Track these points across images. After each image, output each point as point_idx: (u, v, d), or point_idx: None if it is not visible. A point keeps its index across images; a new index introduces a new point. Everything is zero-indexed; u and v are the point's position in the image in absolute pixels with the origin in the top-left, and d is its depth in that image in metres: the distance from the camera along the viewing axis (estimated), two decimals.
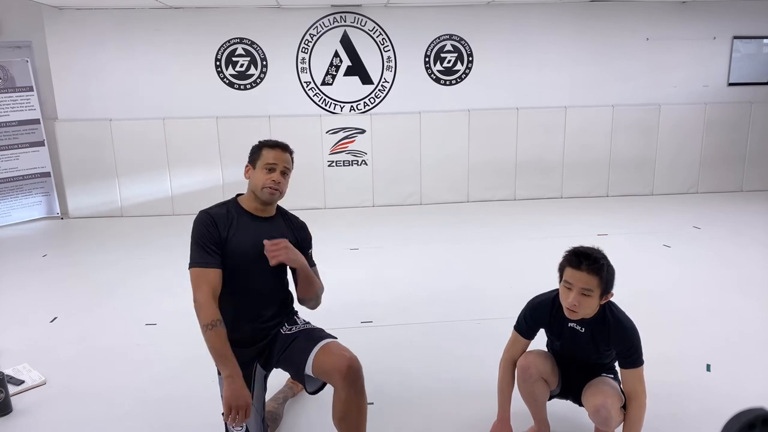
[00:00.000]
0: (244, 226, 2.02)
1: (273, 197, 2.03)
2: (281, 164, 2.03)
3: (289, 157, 2.09)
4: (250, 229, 2.02)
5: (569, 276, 1.84)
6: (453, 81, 6.16)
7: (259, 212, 2.07)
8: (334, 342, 1.97)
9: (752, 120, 6.41)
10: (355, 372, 1.83)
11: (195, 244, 1.95)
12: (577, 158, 6.30)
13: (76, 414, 2.45)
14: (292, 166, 2.11)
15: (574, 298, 1.82)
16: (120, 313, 3.53)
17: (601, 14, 6.09)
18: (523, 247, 4.65)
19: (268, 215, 2.09)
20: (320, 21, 5.87)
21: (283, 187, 2.05)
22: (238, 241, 1.98)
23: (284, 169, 2.05)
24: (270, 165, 2.02)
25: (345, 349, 1.91)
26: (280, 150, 2.06)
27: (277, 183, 2.01)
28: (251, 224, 2.04)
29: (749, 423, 0.68)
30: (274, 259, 1.91)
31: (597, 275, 1.81)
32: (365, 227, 5.39)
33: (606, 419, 1.88)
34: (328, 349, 1.91)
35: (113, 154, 5.87)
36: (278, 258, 1.91)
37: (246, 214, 2.05)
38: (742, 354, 2.84)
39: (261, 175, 2.02)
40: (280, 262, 1.93)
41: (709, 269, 4.07)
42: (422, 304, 3.53)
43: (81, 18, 5.67)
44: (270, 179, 2.01)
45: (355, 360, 1.86)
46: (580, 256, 1.83)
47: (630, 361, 1.90)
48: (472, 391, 2.52)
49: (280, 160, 2.04)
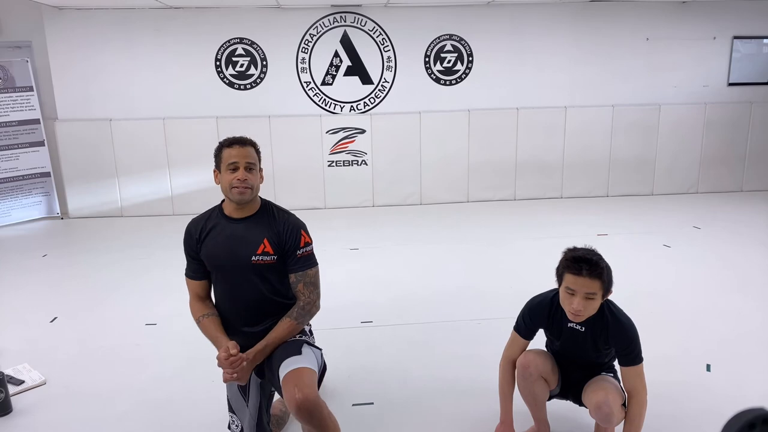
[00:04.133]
0: (219, 231, 2.01)
1: (243, 196, 1.96)
2: (243, 160, 1.96)
3: (250, 150, 2.00)
4: (223, 233, 2.00)
5: (571, 282, 1.84)
6: (453, 81, 6.16)
7: (235, 213, 2.02)
8: (298, 370, 1.85)
9: (752, 120, 6.41)
10: (306, 411, 1.74)
11: (184, 253, 2.08)
12: (577, 158, 6.30)
13: (76, 414, 2.45)
14: (257, 158, 2.03)
15: (579, 304, 1.83)
16: (120, 313, 3.53)
17: (600, 14, 6.09)
18: (523, 247, 4.65)
19: (247, 215, 2.02)
20: (320, 21, 5.87)
21: (251, 182, 1.96)
22: (210, 248, 2.00)
23: (247, 164, 1.97)
24: (232, 164, 1.96)
25: (301, 385, 1.78)
26: (238, 146, 1.99)
27: (243, 180, 1.94)
28: (225, 228, 2.01)
29: (749, 423, 0.68)
30: (237, 381, 1.90)
31: (599, 279, 1.81)
32: (365, 227, 5.39)
33: (608, 415, 1.88)
34: (290, 378, 1.82)
35: (113, 154, 5.87)
36: (238, 381, 1.89)
37: (224, 218, 2.03)
38: (742, 354, 2.84)
39: (226, 176, 1.97)
40: (242, 381, 1.90)
41: (709, 269, 4.07)
42: (422, 304, 3.53)
43: (81, 18, 5.67)
44: (235, 179, 1.94)
45: (306, 400, 1.74)
46: (580, 262, 1.82)
47: (629, 358, 1.90)
48: (472, 391, 2.52)
49: (241, 156, 1.96)
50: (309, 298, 2.03)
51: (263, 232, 1.99)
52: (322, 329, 2.17)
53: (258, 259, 1.97)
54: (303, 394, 1.75)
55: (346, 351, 2.92)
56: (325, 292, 2.20)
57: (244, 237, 1.98)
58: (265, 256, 1.98)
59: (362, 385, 2.06)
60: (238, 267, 1.98)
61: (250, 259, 1.97)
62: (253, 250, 1.97)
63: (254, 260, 1.97)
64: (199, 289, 2.08)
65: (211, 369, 1.98)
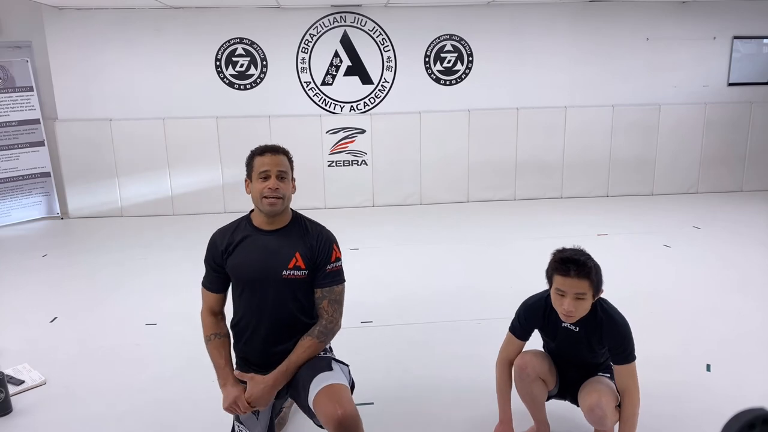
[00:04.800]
0: (248, 243, 1.92)
1: (274, 207, 1.87)
2: (275, 168, 1.88)
3: (282, 158, 1.92)
4: (253, 245, 1.91)
5: (560, 284, 1.85)
6: (453, 81, 6.16)
7: (266, 225, 1.93)
8: (334, 386, 1.79)
9: (752, 120, 6.41)
10: (348, 428, 1.69)
11: (204, 263, 2.02)
12: (577, 158, 6.30)
13: (76, 414, 2.45)
14: (290, 166, 1.95)
15: (569, 305, 1.83)
16: (120, 313, 3.53)
17: (600, 14, 6.09)
18: (523, 247, 4.65)
19: (278, 227, 1.94)
20: (320, 21, 5.87)
21: (283, 191, 1.88)
22: (239, 260, 1.91)
23: (280, 172, 1.88)
24: (263, 173, 1.87)
25: (341, 400, 1.74)
26: (270, 154, 1.90)
27: (275, 190, 1.85)
28: (256, 240, 1.92)
29: (749, 423, 0.68)
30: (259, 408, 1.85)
31: (587, 279, 1.81)
32: (365, 227, 5.39)
33: (600, 418, 1.88)
34: (325, 394, 1.76)
35: (113, 154, 5.87)
36: (258, 408, 1.84)
37: (254, 229, 1.94)
38: (742, 354, 2.84)
39: (257, 185, 1.88)
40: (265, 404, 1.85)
41: (709, 269, 4.07)
42: (422, 304, 3.53)
43: (81, 18, 5.67)
44: (266, 188, 1.86)
45: (348, 416, 1.70)
46: (568, 263, 1.83)
47: (622, 356, 1.90)
48: (472, 391, 2.52)
49: (273, 164, 1.88)
50: (332, 316, 1.95)
51: (295, 245, 1.91)
52: None
53: (289, 274, 1.88)
54: (344, 409, 1.70)
55: (346, 351, 2.92)
56: None
57: (275, 250, 1.90)
58: (296, 270, 1.89)
59: (362, 385, 2.06)
60: (267, 281, 1.89)
61: (281, 273, 1.88)
62: (284, 264, 1.88)
63: (285, 274, 1.88)
64: (214, 303, 2.01)
65: (211, 369, 1.97)
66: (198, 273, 2.09)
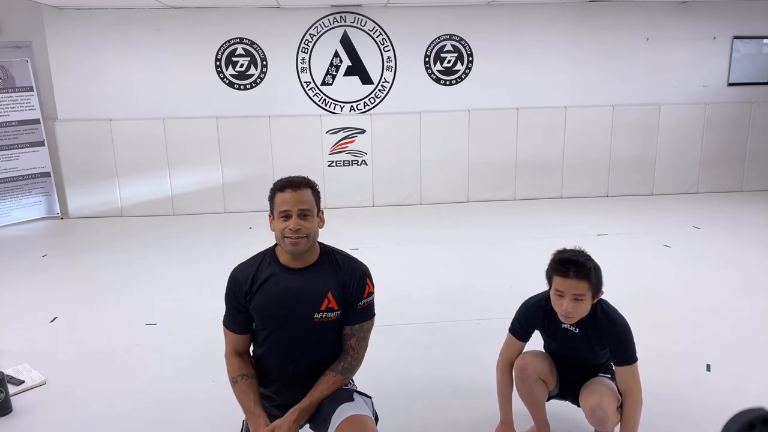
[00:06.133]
0: (274, 282, 1.79)
1: (297, 247, 1.74)
2: (296, 207, 1.73)
3: (306, 194, 1.77)
4: (279, 285, 1.78)
5: (559, 285, 1.85)
6: (453, 81, 6.16)
7: (293, 263, 1.80)
8: (356, 417, 1.70)
9: (752, 120, 6.41)
10: None
11: (225, 301, 1.85)
12: (577, 158, 6.30)
13: (76, 414, 2.45)
14: (314, 201, 1.79)
15: (568, 305, 1.83)
16: (120, 313, 3.53)
17: (600, 14, 6.09)
18: (523, 247, 4.65)
19: (306, 264, 1.80)
20: (320, 21, 5.87)
21: (306, 230, 1.74)
22: (264, 301, 1.78)
23: (301, 211, 1.74)
24: (284, 212, 1.74)
25: (366, 430, 1.67)
26: (290, 190, 1.75)
27: (296, 231, 1.72)
28: (282, 279, 1.79)
29: (749, 423, 0.68)
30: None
31: (586, 280, 1.81)
32: (365, 227, 5.39)
33: (602, 419, 1.88)
34: (349, 424, 1.67)
35: (113, 154, 5.87)
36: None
37: (279, 266, 1.80)
38: (742, 354, 2.84)
39: (279, 224, 1.75)
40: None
41: (709, 269, 4.07)
42: (422, 304, 3.53)
43: (81, 18, 5.67)
44: (287, 228, 1.72)
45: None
46: (567, 263, 1.83)
47: (623, 358, 1.90)
48: (472, 391, 2.52)
49: (294, 203, 1.74)
50: (358, 353, 1.85)
51: (327, 284, 1.78)
52: None
53: (321, 317, 1.77)
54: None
55: None
56: None
57: (305, 291, 1.77)
58: (329, 312, 1.77)
59: (362, 385, 2.06)
60: (296, 325, 1.77)
61: (312, 316, 1.76)
62: (316, 307, 1.76)
63: (317, 318, 1.76)
64: (239, 344, 1.84)
65: (211, 369, 1.97)
66: (198, 273, 2.10)
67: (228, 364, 1.84)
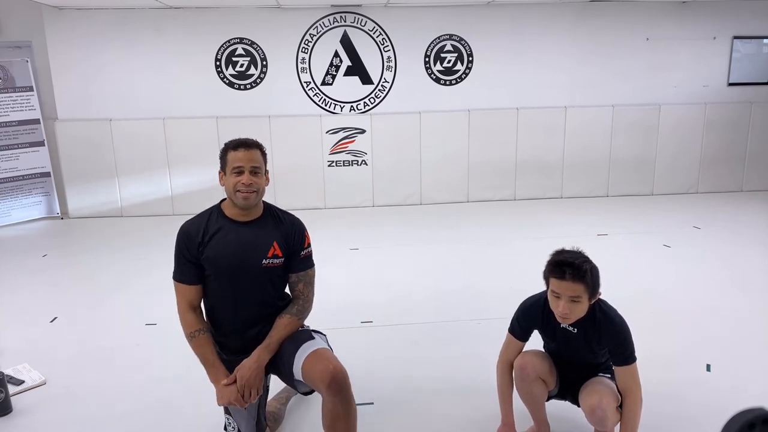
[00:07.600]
0: (223, 233, 1.96)
1: (248, 201, 1.94)
2: (248, 164, 1.93)
3: (255, 153, 1.97)
4: (229, 236, 1.96)
5: (555, 286, 1.85)
6: (453, 81, 6.16)
7: (240, 217, 1.99)
8: (319, 350, 1.91)
9: (752, 120, 6.41)
10: (339, 383, 1.80)
11: (174, 257, 2.01)
12: (577, 158, 6.30)
13: (76, 414, 2.45)
14: (262, 161, 1.99)
15: (564, 307, 1.84)
16: (120, 313, 3.53)
17: (600, 14, 6.09)
18: (523, 247, 4.65)
19: (253, 218, 2.00)
20: (320, 21, 5.87)
21: (257, 186, 1.94)
22: (216, 252, 1.94)
23: (253, 168, 1.94)
24: (236, 168, 1.93)
25: (330, 358, 1.87)
26: (244, 149, 1.95)
27: (248, 185, 1.92)
28: (231, 231, 1.97)
29: (749, 423, 0.68)
30: (252, 398, 1.90)
31: (582, 282, 1.81)
32: (365, 227, 5.39)
33: (601, 419, 1.88)
34: (313, 357, 1.87)
35: (113, 154, 5.87)
36: (254, 393, 1.89)
37: (228, 220, 1.99)
38: (742, 354, 2.84)
39: (231, 179, 1.94)
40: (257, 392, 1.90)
41: (709, 269, 4.07)
42: (422, 304, 3.53)
43: (81, 18, 5.67)
44: (240, 182, 1.92)
45: (339, 371, 1.82)
46: (563, 266, 1.83)
47: (622, 358, 1.90)
48: (472, 391, 2.52)
49: (247, 160, 1.93)
50: (308, 297, 2.07)
51: (272, 234, 1.99)
52: (321, 329, 2.17)
53: (268, 263, 1.97)
54: (335, 365, 1.82)
55: (346, 351, 2.91)
56: (325, 292, 2.21)
57: (253, 240, 1.96)
58: (274, 258, 1.98)
59: (362, 385, 2.06)
60: (245, 271, 1.95)
61: (260, 262, 1.96)
62: (264, 254, 1.96)
63: (265, 263, 1.96)
64: (192, 296, 2.00)
65: None
66: None
67: (182, 321, 1.99)
